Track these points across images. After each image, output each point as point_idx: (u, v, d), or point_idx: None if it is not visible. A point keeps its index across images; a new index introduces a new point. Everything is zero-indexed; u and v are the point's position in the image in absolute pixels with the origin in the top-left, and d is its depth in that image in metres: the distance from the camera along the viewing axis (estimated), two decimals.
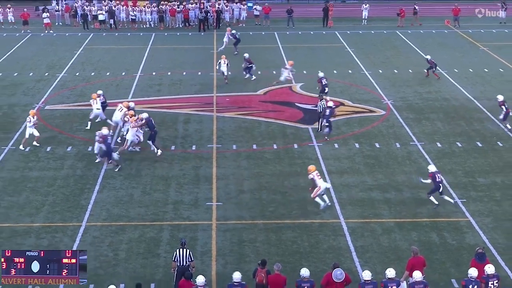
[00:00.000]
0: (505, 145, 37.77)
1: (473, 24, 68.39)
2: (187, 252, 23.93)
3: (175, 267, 23.76)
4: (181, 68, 52.34)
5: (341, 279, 22.46)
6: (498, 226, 29.11)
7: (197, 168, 35.06)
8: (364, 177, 33.96)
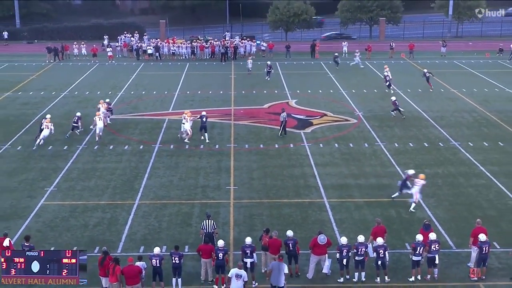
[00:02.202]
0: (444, 145, 37.66)
1: (422, 56, 68.22)
2: (212, 222, 23.98)
3: (202, 233, 23.78)
4: (208, 88, 52.31)
5: (324, 242, 22.50)
6: (439, 205, 29.06)
7: (219, 161, 35.06)
8: (341, 168, 33.91)
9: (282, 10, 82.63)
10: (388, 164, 34.38)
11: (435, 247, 22.44)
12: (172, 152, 36.59)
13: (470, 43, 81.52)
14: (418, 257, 22.34)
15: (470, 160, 35.02)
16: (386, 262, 22.44)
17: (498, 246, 24.76)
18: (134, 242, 25.45)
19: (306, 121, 42.75)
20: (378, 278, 22.41)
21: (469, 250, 23.50)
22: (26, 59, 69.33)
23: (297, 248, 22.72)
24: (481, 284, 22.26)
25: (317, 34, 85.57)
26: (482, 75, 58.60)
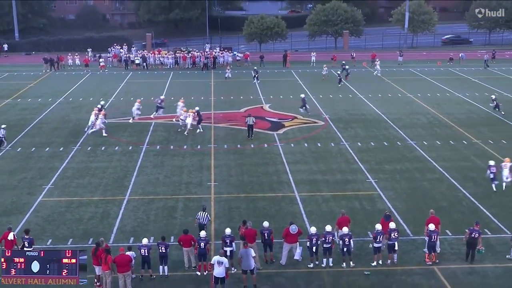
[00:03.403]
0: (402, 144, 37.88)
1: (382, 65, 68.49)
2: (205, 214, 24.16)
3: (197, 222, 23.98)
4: (190, 94, 52.13)
5: (295, 231, 22.55)
6: (398, 197, 29.23)
7: (201, 160, 34.96)
8: (311, 165, 33.98)
9: (257, 24, 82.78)
10: (352, 162, 34.52)
11: (395, 235, 22.58)
12: (158, 152, 36.44)
13: (424, 53, 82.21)
14: (378, 244, 22.47)
15: (424, 157, 35.27)
16: (351, 249, 22.54)
17: (450, 234, 24.97)
18: (124, 234, 25.30)
19: (279, 123, 42.78)
20: (344, 263, 22.50)
21: (424, 237, 23.65)
22: (25, 69, 68.57)
23: (272, 237, 22.77)
24: (435, 268, 22.44)
25: (288, 45, 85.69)
26: (435, 81, 59.07)
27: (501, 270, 22.38)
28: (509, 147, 36.91)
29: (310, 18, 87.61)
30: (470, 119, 44.01)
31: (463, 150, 36.61)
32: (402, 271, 22.28)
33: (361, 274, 22.08)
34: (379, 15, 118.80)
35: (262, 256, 22.76)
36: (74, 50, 77.87)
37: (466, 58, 72.51)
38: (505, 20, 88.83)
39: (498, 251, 23.67)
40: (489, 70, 66.12)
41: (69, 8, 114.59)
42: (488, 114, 45.38)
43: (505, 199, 28.93)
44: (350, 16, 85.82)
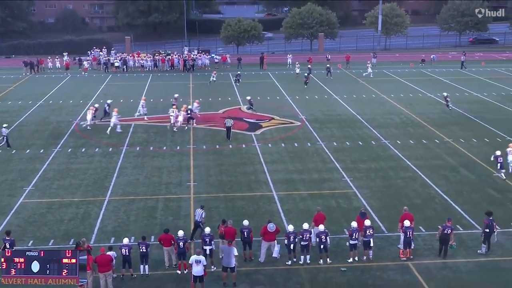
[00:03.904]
0: (376, 143, 38.11)
1: (356, 66, 68.98)
2: (201, 212, 24.33)
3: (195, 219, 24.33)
4: (169, 96, 51.85)
5: (273, 229, 22.60)
6: (373, 195, 29.39)
7: (181, 161, 34.85)
8: (288, 165, 34.03)
9: (234, 27, 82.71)
10: (328, 161, 34.65)
11: (370, 232, 22.71)
12: (138, 153, 36.24)
13: (397, 54, 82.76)
14: (354, 241, 22.59)
15: (398, 156, 35.51)
16: (328, 246, 22.62)
17: (423, 230, 25.18)
18: (105, 234, 25.12)
19: (256, 124, 42.79)
20: (321, 260, 22.56)
21: (398, 234, 23.84)
22: (5, 72, 67.67)
23: (251, 236, 22.76)
24: (409, 263, 22.60)
25: (265, 48, 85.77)
26: (407, 82, 59.52)
27: (472, 264, 22.61)
28: (479, 146, 37.34)
29: (286, 21, 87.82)
30: (442, 119, 44.42)
31: (436, 149, 36.93)
32: (377, 267, 22.41)
33: (338, 270, 22.16)
34: (353, 18, 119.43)
35: (241, 254, 22.74)
36: (54, 53, 77.08)
37: (437, 60, 73.20)
38: (474, 22, 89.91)
39: (470, 246, 23.92)
40: (460, 71, 66.77)
41: (49, 11, 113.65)
42: (459, 114, 45.84)
43: (476, 196, 29.25)
44: (325, 19, 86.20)
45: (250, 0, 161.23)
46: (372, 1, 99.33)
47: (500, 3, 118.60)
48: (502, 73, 65.71)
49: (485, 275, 21.90)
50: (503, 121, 43.35)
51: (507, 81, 59.98)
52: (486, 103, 50.05)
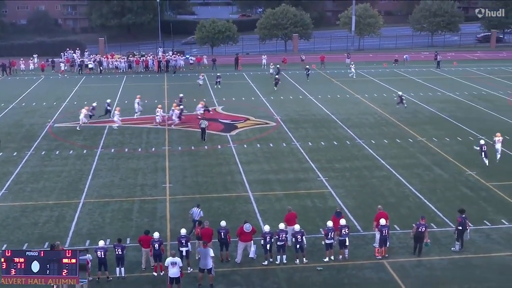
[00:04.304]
0: (351, 143, 38.34)
1: (330, 67, 69.33)
2: (199, 211, 24.56)
3: (190, 218, 24.44)
4: (144, 97, 51.57)
5: (249, 230, 22.61)
6: (348, 195, 29.54)
7: (156, 162, 34.70)
8: (263, 165, 34.08)
9: (208, 28, 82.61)
10: (304, 161, 34.78)
11: (345, 231, 22.83)
12: (113, 155, 36.00)
13: (371, 55, 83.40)
14: (330, 240, 22.70)
15: (373, 155, 35.76)
16: (304, 246, 22.69)
17: (398, 228, 25.39)
18: (80, 237, 24.90)
19: (232, 125, 42.79)
20: (297, 260, 22.63)
21: (373, 233, 24.02)
22: None
23: (229, 236, 22.74)
24: (384, 262, 22.77)
25: (240, 49, 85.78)
26: (381, 82, 59.99)
27: (446, 262, 22.86)
28: (452, 144, 37.78)
29: (261, 22, 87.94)
30: (415, 118, 44.85)
31: (409, 148, 37.27)
32: (353, 266, 22.54)
33: (314, 270, 22.24)
34: (327, 18, 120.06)
35: (218, 255, 22.71)
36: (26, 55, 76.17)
37: (410, 60, 73.90)
38: (446, 23, 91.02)
39: (444, 243, 24.18)
40: (432, 71, 67.50)
41: (21, 13, 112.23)
42: (432, 113, 46.34)
43: (449, 194, 29.59)
44: (299, 20, 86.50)
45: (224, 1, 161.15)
46: (345, 2, 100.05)
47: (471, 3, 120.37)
48: (474, 72, 66.58)
49: (459, 272, 22.16)
50: (474, 120, 43.93)
51: (479, 81, 60.79)
52: (458, 102, 50.67)
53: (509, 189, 29.98)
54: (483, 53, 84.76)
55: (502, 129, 39.48)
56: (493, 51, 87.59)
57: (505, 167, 33.54)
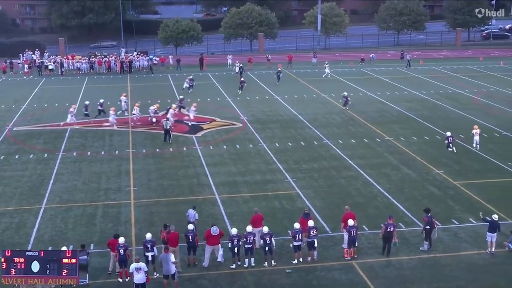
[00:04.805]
0: (318, 143, 38.56)
1: (297, 66, 69.62)
2: (194, 213, 24.87)
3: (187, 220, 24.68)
4: (106, 99, 51.12)
5: (216, 233, 22.59)
6: (316, 195, 29.71)
7: (120, 165, 34.41)
8: (230, 167, 34.05)
9: (172, 28, 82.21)
10: (271, 162, 34.85)
11: (314, 233, 22.95)
12: (75, 159, 35.58)
13: (337, 54, 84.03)
14: (298, 242, 22.78)
15: (340, 155, 36.02)
16: (273, 248, 22.74)
17: (367, 229, 25.63)
18: (42, 243, 24.51)
19: (197, 126, 42.65)
20: (266, 262, 22.67)
21: (342, 233, 24.19)
22: None
23: (196, 240, 22.67)
24: (353, 262, 22.95)
25: (204, 48, 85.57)
26: (348, 82, 60.47)
27: (415, 261, 23.15)
28: (419, 143, 38.27)
29: (225, 21, 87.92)
30: (382, 117, 45.33)
31: (377, 148, 37.65)
32: (322, 267, 22.67)
33: (283, 272, 22.31)
34: (293, 17, 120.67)
35: (185, 259, 22.64)
36: None
37: (377, 59, 74.68)
38: (412, 21, 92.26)
39: (412, 243, 24.47)
40: (399, 70, 68.31)
41: None
42: (399, 113, 46.89)
43: (417, 193, 29.97)
44: (265, 19, 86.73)
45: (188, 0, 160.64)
46: (311, 1, 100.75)
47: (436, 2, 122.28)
48: (440, 71, 67.59)
49: (428, 271, 22.46)
50: (441, 119, 44.58)
51: (445, 79, 61.73)
52: (425, 101, 51.36)
53: (476, 188, 30.52)
54: (449, 52, 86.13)
55: (469, 127, 40.13)
56: (459, 49, 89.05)
57: (472, 165, 34.14)
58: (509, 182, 31.56)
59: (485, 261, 23.17)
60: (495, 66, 70.83)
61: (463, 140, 38.52)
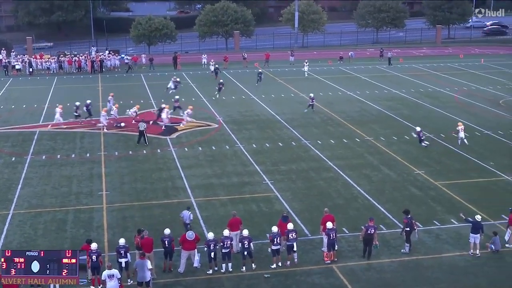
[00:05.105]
0: (297, 144, 38.67)
1: (274, 65, 69.76)
2: (189, 214, 25.33)
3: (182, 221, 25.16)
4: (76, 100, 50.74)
5: (192, 238, 22.55)
6: (294, 197, 29.80)
7: (91, 169, 34.18)
8: (206, 169, 34.00)
9: (144, 26, 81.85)
10: (248, 164, 34.88)
11: (293, 236, 23.00)
12: (45, 162, 35.25)
13: (315, 52, 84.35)
14: (276, 246, 22.82)
15: (319, 156, 36.17)
16: (252, 252, 22.74)
17: (347, 231, 25.75)
18: None
19: (171, 128, 42.50)
20: (244, 267, 22.66)
21: (321, 236, 24.28)
22: None
23: (173, 245, 22.60)
24: (333, 266, 23.04)
25: (178, 47, 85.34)
26: (326, 81, 60.76)
27: (396, 264, 23.32)
28: (399, 143, 38.58)
29: (200, 18, 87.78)
30: (362, 117, 45.62)
31: (356, 148, 37.86)
32: (301, 272, 22.73)
33: (261, 277, 22.33)
34: (269, 15, 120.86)
35: (160, 265, 22.54)
36: None
37: (356, 57, 75.13)
38: (391, 18, 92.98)
39: (393, 246, 24.66)
40: (378, 68, 68.81)
41: None
42: (379, 112, 47.22)
43: (398, 194, 30.21)
44: (240, 16, 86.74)
45: None
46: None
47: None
48: (420, 69, 68.21)
49: (409, 274, 22.64)
50: (421, 118, 44.97)
51: (425, 77, 62.32)
52: (405, 100, 51.80)
53: (458, 188, 30.85)
54: (429, 50, 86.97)
55: (449, 126, 40.61)
56: (439, 47, 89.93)
57: (453, 165, 34.51)
58: (490, 182, 31.97)
59: (467, 262, 23.43)
60: (476, 64, 71.69)
61: (444, 140, 38.94)
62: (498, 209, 27.88)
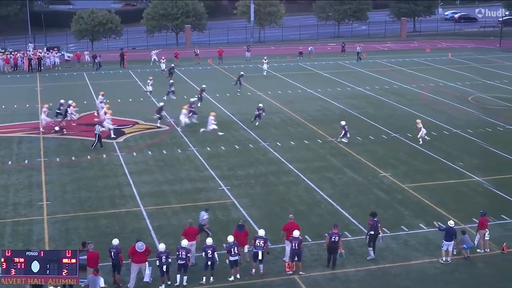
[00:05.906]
0: (254, 146, 38.78)
1: (228, 61, 69.77)
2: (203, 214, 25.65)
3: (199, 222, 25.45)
4: (13, 102, 50.00)
5: (142, 249, 22.40)
6: (253, 204, 29.87)
7: (30, 177, 33.70)
8: (156, 175, 33.85)
9: (87, 20, 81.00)
10: (202, 168, 34.83)
11: (260, 243, 22.98)
12: None
13: (273, 47, 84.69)
14: (234, 257, 22.81)
15: (279, 159, 36.33)
16: (216, 262, 22.66)
17: (310, 239, 25.90)
18: None
19: (118, 130, 42.15)
20: (204, 279, 22.57)
21: (283, 246, 24.36)
22: None
23: (120, 257, 22.38)
24: (296, 277, 23.15)
25: (125, 43, 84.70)
26: (285, 78, 61.08)
27: (363, 273, 23.56)
28: (364, 144, 39.02)
29: (147, 12, 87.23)
30: (324, 116, 46.00)
31: (318, 149, 38.15)
32: (262, 283, 22.78)
33: None
34: (223, 7, 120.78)
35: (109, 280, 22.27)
36: None
37: (316, 52, 75.65)
38: (353, 11, 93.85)
39: (359, 253, 24.90)
40: (340, 64, 69.46)
41: None
42: (343, 111, 47.65)
43: (363, 198, 30.54)
44: (192, 9, 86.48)
45: None
46: None
47: None
48: (385, 64, 69.12)
49: (376, 283, 22.89)
50: (386, 117, 45.59)
51: (390, 74, 63.18)
52: (369, 97, 52.42)
53: (425, 190, 31.36)
54: (394, 44, 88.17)
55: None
56: (404, 41, 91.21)
57: (420, 166, 35.05)
58: (460, 184, 32.58)
59: (436, 270, 23.81)
60: (443, 59, 73.00)
61: (410, 139, 39.53)
62: (469, 211, 28.45)
